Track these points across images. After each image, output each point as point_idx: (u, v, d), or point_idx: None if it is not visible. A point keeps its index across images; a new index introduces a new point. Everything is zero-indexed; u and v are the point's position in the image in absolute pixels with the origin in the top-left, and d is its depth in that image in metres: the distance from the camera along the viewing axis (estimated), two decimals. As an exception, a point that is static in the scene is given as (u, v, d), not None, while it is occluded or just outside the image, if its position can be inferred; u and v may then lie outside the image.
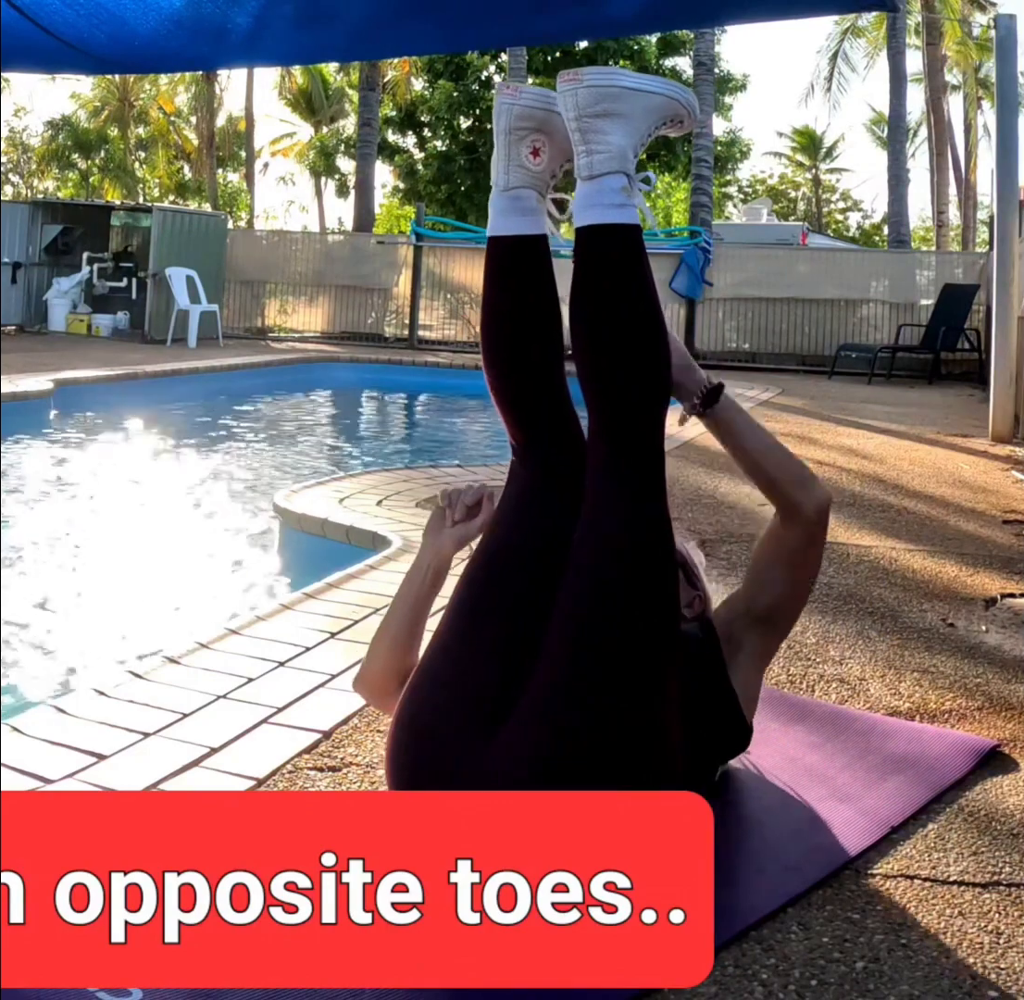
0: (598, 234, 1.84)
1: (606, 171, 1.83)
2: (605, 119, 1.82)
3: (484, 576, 1.93)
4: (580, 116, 1.82)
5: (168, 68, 10.00)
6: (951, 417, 9.61)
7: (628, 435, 1.84)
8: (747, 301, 15.28)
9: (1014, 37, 8.03)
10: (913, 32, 26.12)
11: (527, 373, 1.99)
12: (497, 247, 1.98)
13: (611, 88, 1.83)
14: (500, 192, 1.97)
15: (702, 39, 17.97)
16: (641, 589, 1.81)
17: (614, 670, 1.76)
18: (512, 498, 1.99)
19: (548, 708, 1.76)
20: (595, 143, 1.83)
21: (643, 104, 1.85)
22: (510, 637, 1.84)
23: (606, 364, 1.84)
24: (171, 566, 4.88)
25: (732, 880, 1.88)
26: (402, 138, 27.69)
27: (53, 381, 9.23)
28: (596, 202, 1.83)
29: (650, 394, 1.85)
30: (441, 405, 12.10)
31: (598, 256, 1.84)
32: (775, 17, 2.76)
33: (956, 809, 2.16)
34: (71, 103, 35.57)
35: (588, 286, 1.84)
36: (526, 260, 1.97)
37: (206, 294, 15.07)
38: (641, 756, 1.78)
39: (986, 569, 4.13)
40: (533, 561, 1.90)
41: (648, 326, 1.85)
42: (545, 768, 1.72)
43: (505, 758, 1.74)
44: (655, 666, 1.80)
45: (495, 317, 2.00)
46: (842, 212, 43.90)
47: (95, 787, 2.10)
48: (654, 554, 1.83)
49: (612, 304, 1.83)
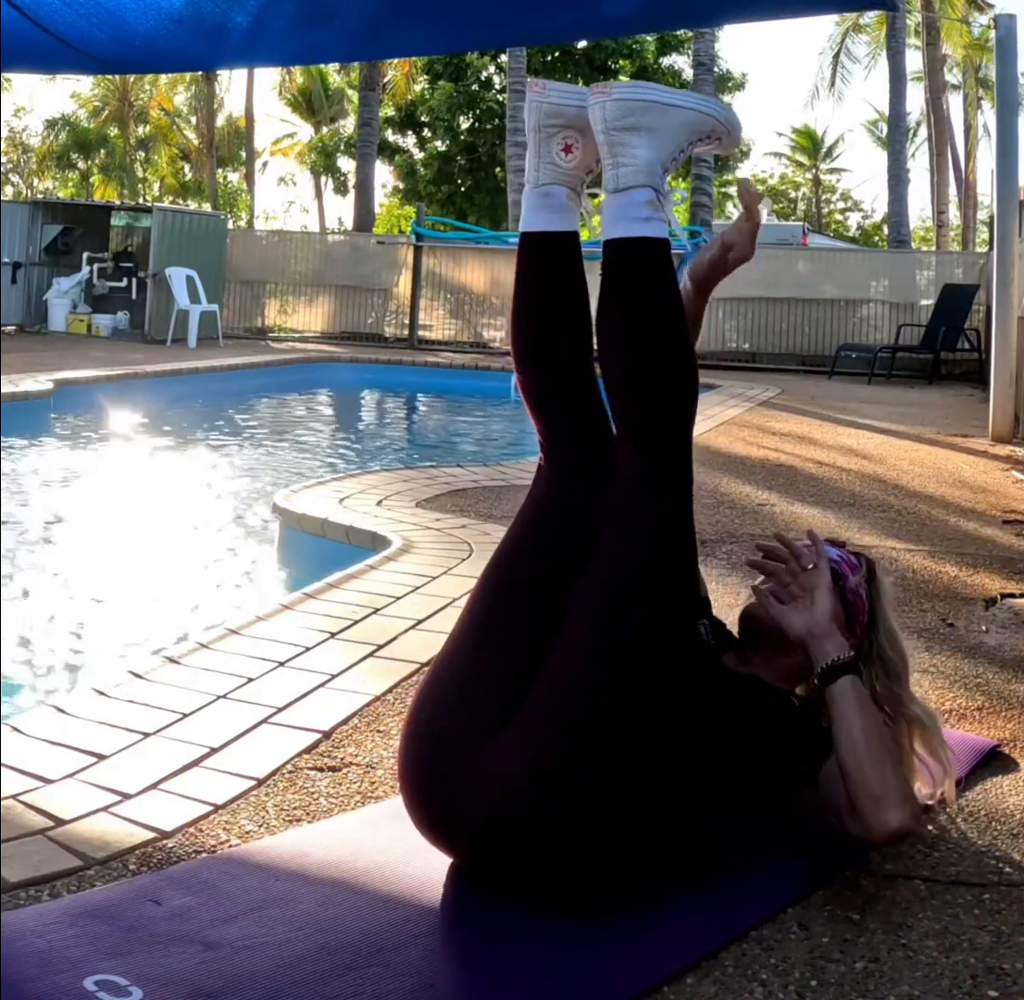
0: (625, 247, 1.85)
1: (632, 184, 1.83)
2: (632, 132, 1.83)
3: (502, 577, 1.93)
4: (608, 129, 1.83)
5: (168, 68, 10.00)
6: (951, 417, 9.61)
7: (656, 442, 1.86)
8: (747, 301, 15.27)
9: (1014, 37, 8.03)
10: (913, 32, 26.13)
11: (556, 368, 1.98)
12: (527, 242, 1.99)
13: (639, 102, 1.83)
14: (532, 188, 1.97)
15: (701, 39, 17.97)
16: (659, 591, 1.81)
17: (622, 665, 1.77)
18: (536, 499, 1.98)
19: (552, 708, 1.76)
20: (622, 156, 1.83)
21: (674, 119, 1.85)
22: (525, 639, 1.85)
23: (635, 371, 1.85)
24: (171, 566, 4.88)
25: (732, 880, 1.88)
26: (402, 138, 27.71)
27: (53, 381, 9.23)
28: (622, 215, 1.85)
29: (678, 401, 1.86)
30: (441, 405, 12.10)
31: (626, 269, 1.85)
32: (775, 16, 2.76)
33: (956, 809, 2.16)
34: (71, 103, 35.62)
35: (618, 296, 1.86)
36: (555, 256, 1.97)
37: (206, 294, 15.06)
38: (643, 748, 1.78)
39: (986, 569, 4.13)
40: (551, 564, 1.89)
41: (677, 335, 1.86)
42: (552, 759, 1.73)
43: (506, 757, 1.74)
44: (663, 663, 1.80)
45: (525, 312, 2.00)
46: (842, 212, 43.95)
47: (95, 787, 2.10)
48: (675, 557, 1.84)
49: (642, 313, 1.84)
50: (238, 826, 2.01)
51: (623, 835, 1.80)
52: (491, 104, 24.19)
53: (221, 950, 1.61)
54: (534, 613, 1.86)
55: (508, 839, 1.76)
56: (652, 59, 24.22)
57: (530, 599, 1.88)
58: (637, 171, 1.83)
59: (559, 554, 1.89)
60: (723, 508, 4.95)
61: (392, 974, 1.58)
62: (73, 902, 1.73)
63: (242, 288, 16.98)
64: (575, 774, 1.73)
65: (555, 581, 1.87)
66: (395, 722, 2.51)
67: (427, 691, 1.88)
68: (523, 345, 1.99)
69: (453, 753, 1.79)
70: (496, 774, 1.74)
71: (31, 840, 1.90)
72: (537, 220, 1.96)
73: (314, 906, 1.74)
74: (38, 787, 2.09)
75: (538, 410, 1.99)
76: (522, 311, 2.00)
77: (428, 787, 1.81)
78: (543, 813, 1.73)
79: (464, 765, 1.77)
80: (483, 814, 1.75)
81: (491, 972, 1.63)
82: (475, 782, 1.75)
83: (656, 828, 1.85)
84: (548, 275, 1.97)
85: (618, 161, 1.83)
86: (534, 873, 1.79)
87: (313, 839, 1.97)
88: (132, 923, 1.67)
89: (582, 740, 1.74)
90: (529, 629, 1.85)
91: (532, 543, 1.93)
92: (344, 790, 2.18)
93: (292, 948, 1.63)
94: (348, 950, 1.63)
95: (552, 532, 1.93)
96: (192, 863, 1.87)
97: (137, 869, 1.85)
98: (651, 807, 1.82)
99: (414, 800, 1.85)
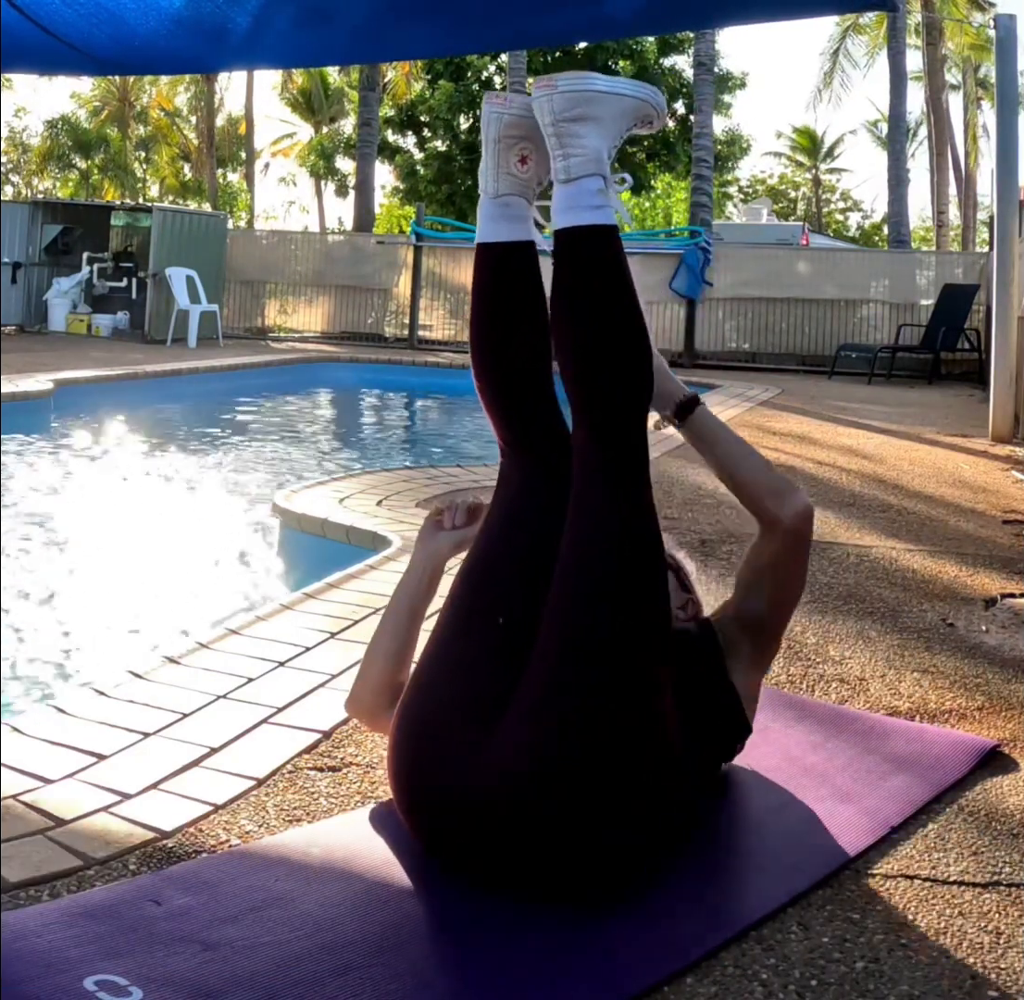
0: (579, 235, 1.86)
1: (583, 174, 1.86)
2: (580, 123, 1.85)
3: (478, 578, 1.95)
4: (556, 121, 1.85)
5: (168, 69, 10.00)
6: (951, 417, 9.61)
7: (614, 434, 1.86)
8: (747, 301, 15.27)
9: (1014, 37, 8.04)
10: (913, 32, 26.12)
11: (515, 377, 2.02)
12: (487, 253, 2.02)
13: (585, 93, 1.86)
14: (490, 199, 2.01)
15: (702, 39, 17.98)
16: (629, 585, 1.82)
17: (605, 665, 1.77)
18: (502, 500, 2.01)
19: (543, 704, 1.77)
20: (571, 147, 1.85)
21: (616, 107, 1.89)
22: (504, 637, 1.86)
23: (595, 364, 1.86)
24: (171, 566, 4.88)
25: (732, 880, 1.88)
26: (402, 138, 27.70)
27: (53, 381, 9.23)
28: (574, 204, 1.86)
29: (637, 393, 1.88)
30: (441, 405, 12.10)
31: (583, 258, 1.86)
32: (775, 18, 2.76)
33: (956, 809, 2.17)
34: (71, 103, 35.61)
35: (575, 288, 1.86)
36: (516, 266, 2.00)
37: (206, 294, 15.06)
38: (637, 747, 1.78)
39: (986, 569, 4.13)
40: (525, 561, 1.92)
41: (635, 326, 1.87)
42: (546, 760, 1.73)
43: (505, 751, 1.75)
44: (646, 660, 1.81)
45: (485, 321, 2.03)
46: (842, 212, 43.94)
47: (95, 787, 2.10)
48: (642, 551, 1.84)
49: (603, 305, 1.85)
50: (238, 826, 2.01)
51: (621, 834, 1.80)
52: (491, 104, 24.19)
53: (221, 950, 1.61)
54: (511, 610, 1.88)
55: (504, 839, 1.76)
56: (652, 59, 24.22)
57: (506, 597, 1.90)
58: (587, 160, 1.85)
59: (530, 550, 1.92)
60: (723, 508, 4.95)
61: (392, 974, 1.58)
62: (73, 902, 1.73)
63: (242, 288, 16.99)
64: (571, 774, 1.73)
65: (528, 578, 1.89)
66: (395, 722, 2.51)
67: (415, 691, 1.89)
68: (483, 354, 2.02)
69: (447, 747, 1.80)
70: (492, 774, 1.75)
71: (31, 840, 1.90)
72: (499, 230, 2.00)
73: (314, 906, 1.74)
74: (38, 787, 2.09)
75: (497, 416, 2.03)
76: (485, 322, 2.02)
77: (424, 782, 1.82)
78: (539, 813, 1.73)
79: (459, 759, 1.78)
80: (479, 814, 1.76)
81: (489, 972, 1.63)
82: (474, 775, 1.76)
83: (654, 825, 1.86)
84: (509, 286, 2.00)
85: (568, 152, 1.85)
86: (531, 873, 1.79)
87: (313, 839, 1.97)
88: (132, 923, 1.67)
89: (574, 741, 1.74)
90: (508, 626, 1.87)
91: (503, 542, 1.96)
92: (344, 790, 2.18)
93: (292, 948, 1.63)
94: (348, 950, 1.63)
95: (520, 530, 1.95)
96: (192, 863, 1.87)
97: (137, 869, 1.85)
98: (649, 804, 1.83)
99: (407, 802, 1.86)
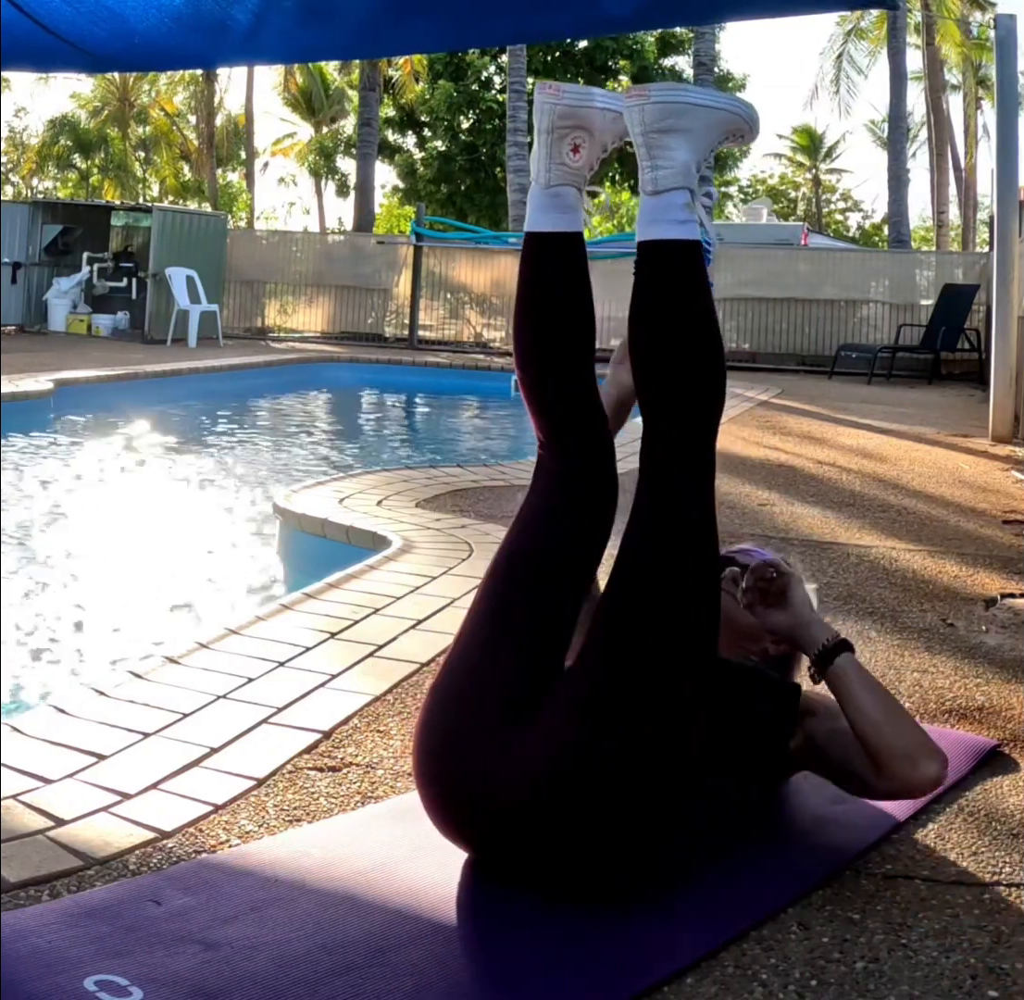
0: (663, 249, 1.86)
1: (671, 187, 1.85)
2: (670, 135, 1.85)
3: (513, 567, 1.94)
4: (646, 132, 1.85)
5: (168, 66, 10.01)
6: (951, 417, 9.61)
7: (686, 444, 1.87)
8: (747, 301, 15.27)
9: (1014, 37, 8.03)
10: (913, 31, 26.11)
11: (558, 366, 2.00)
12: (536, 243, 1.99)
13: (677, 104, 1.85)
14: (541, 189, 1.99)
15: (702, 39, 17.96)
16: (683, 599, 1.83)
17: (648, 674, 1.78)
18: (537, 495, 1.99)
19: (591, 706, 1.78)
20: (660, 159, 1.85)
21: (707, 119, 1.88)
22: (532, 634, 1.87)
23: (674, 374, 1.87)
24: (171, 566, 4.88)
25: (732, 880, 1.88)
26: (402, 138, 27.69)
27: (53, 381, 9.23)
28: (660, 217, 1.86)
29: (712, 404, 1.89)
30: (441, 405, 12.09)
31: (666, 271, 1.87)
32: (775, 14, 2.75)
33: (956, 809, 2.16)
34: (71, 103, 35.58)
35: (657, 299, 1.87)
36: (564, 256, 1.99)
37: (206, 294, 15.05)
38: (669, 761, 1.79)
39: (986, 569, 4.13)
40: (560, 552, 1.92)
41: (714, 339, 1.89)
42: (588, 762, 1.75)
43: (546, 750, 1.76)
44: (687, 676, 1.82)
45: (533, 310, 2.01)
46: (842, 212, 43.91)
47: (95, 787, 2.10)
48: (699, 566, 1.85)
49: (683, 317, 1.86)
50: (238, 826, 2.01)
51: (634, 840, 1.80)
52: (491, 104, 24.19)
53: (221, 950, 1.61)
54: (540, 608, 1.89)
55: (517, 832, 1.77)
56: (652, 59, 24.20)
57: (535, 595, 1.90)
58: (675, 173, 1.85)
59: (560, 548, 1.92)
60: (723, 508, 4.95)
61: (392, 974, 1.57)
62: (73, 902, 1.73)
63: (242, 288, 16.97)
64: (606, 778, 1.74)
65: (557, 578, 1.90)
66: (395, 722, 2.51)
67: (442, 687, 1.89)
68: (527, 343, 2.01)
69: (472, 748, 1.81)
70: (517, 772, 1.76)
71: (31, 840, 1.90)
72: (547, 220, 1.98)
73: (314, 906, 1.74)
74: (38, 787, 2.09)
75: (538, 407, 2.00)
76: (529, 310, 2.01)
77: (451, 773, 1.82)
78: (562, 812, 1.75)
79: (484, 760, 1.79)
80: (503, 809, 1.77)
81: (490, 971, 1.63)
82: (498, 769, 1.77)
83: (668, 834, 1.86)
84: (556, 275, 1.99)
85: (656, 164, 1.85)
86: (534, 871, 1.80)
87: (313, 839, 1.96)
88: (132, 923, 1.67)
89: (615, 748, 1.75)
90: (537, 624, 1.88)
91: (537, 539, 1.95)
92: (344, 790, 2.17)
93: (292, 948, 1.62)
94: (348, 950, 1.62)
95: (555, 528, 1.94)
96: (192, 863, 1.87)
97: (137, 869, 1.85)
98: (671, 807, 1.83)
99: (432, 795, 1.86)
